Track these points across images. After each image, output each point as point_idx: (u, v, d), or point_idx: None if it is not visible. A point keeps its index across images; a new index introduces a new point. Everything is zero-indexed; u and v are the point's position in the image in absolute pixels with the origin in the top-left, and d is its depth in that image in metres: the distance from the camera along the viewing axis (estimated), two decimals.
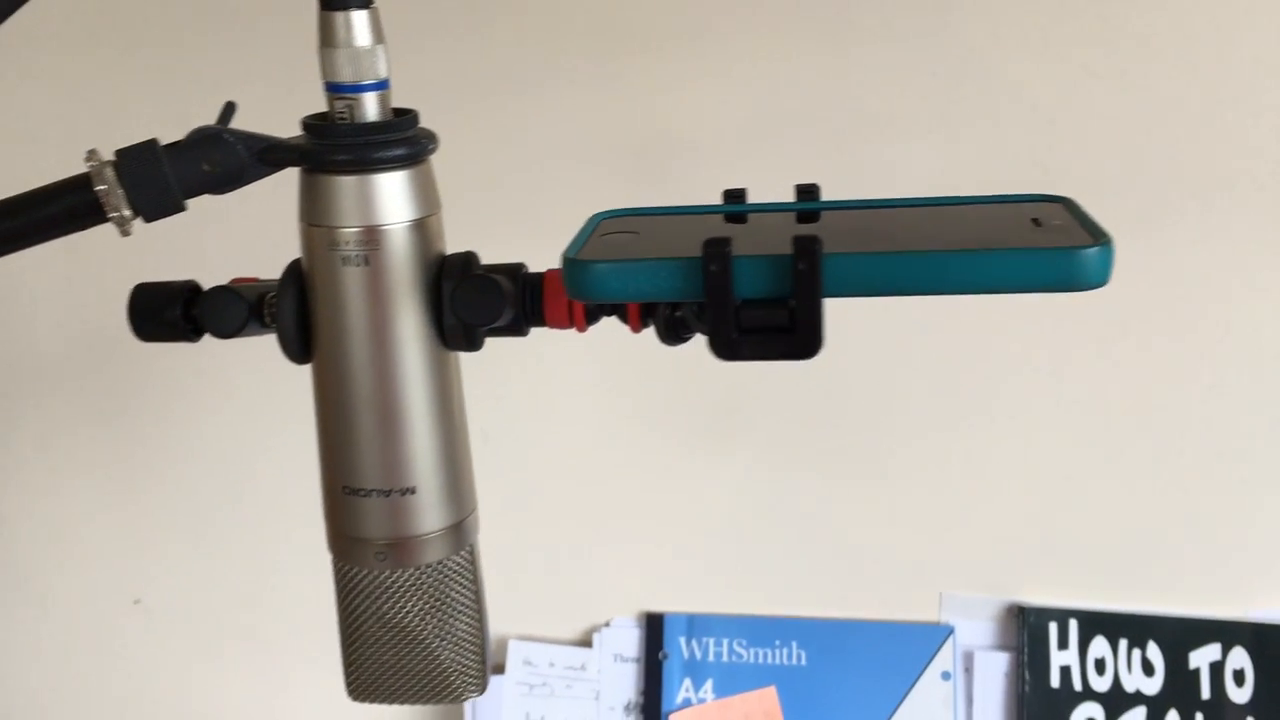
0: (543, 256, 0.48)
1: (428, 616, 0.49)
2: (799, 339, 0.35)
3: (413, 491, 0.47)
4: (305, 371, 0.99)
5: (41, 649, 1.09)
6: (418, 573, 0.48)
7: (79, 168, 0.43)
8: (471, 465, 0.50)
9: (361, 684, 0.51)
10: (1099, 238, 0.35)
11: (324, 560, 1.03)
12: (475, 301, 0.45)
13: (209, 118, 0.45)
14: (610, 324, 0.48)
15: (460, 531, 0.49)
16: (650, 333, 0.56)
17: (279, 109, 0.48)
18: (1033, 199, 0.40)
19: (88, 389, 1.01)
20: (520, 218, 0.88)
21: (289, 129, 0.46)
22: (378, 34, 0.44)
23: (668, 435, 0.98)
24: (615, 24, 0.88)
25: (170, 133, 0.44)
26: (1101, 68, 0.84)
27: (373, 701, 0.52)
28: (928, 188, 0.44)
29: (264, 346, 1.00)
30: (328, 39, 0.43)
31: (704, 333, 0.47)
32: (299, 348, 0.47)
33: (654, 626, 1.01)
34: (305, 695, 1.08)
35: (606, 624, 1.02)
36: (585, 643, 1.02)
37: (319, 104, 0.45)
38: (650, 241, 0.39)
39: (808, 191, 0.42)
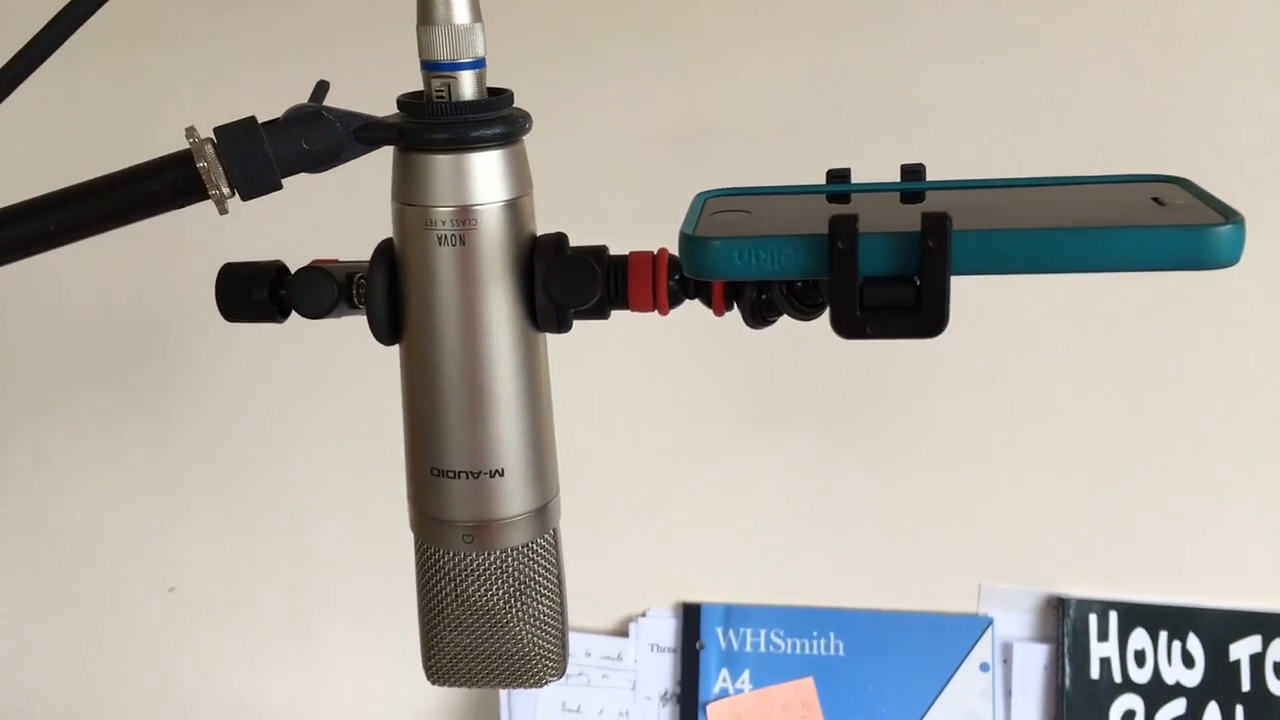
0: (588, 241, 0.48)
1: (512, 600, 0.49)
2: (924, 317, 0.35)
3: (501, 474, 0.47)
4: (345, 364, 0.98)
5: (76, 636, 1.09)
6: (504, 555, 0.48)
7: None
8: (555, 448, 0.50)
9: (440, 667, 0.51)
10: (1229, 215, 0.35)
11: (361, 548, 1.03)
12: (569, 282, 0.45)
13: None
14: (644, 314, 0.48)
15: (545, 514, 0.49)
16: (685, 321, 0.55)
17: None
18: (1147, 179, 0.40)
19: (126, 380, 1.01)
20: (566, 205, 0.87)
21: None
22: (476, 12, 0.43)
23: (706, 425, 0.98)
24: (661, 12, 0.87)
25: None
26: (1152, 57, 0.84)
27: (451, 685, 0.52)
28: (977, 176, 0.44)
29: (306, 337, 1.00)
30: (426, 16, 0.43)
31: (794, 315, 0.47)
32: (389, 328, 0.46)
33: (691, 616, 1.01)
34: (340, 683, 1.08)
35: (643, 614, 1.02)
36: (622, 632, 1.02)
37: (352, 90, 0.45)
38: (767, 219, 0.39)
39: (913, 171, 0.41)
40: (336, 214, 0.83)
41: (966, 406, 0.95)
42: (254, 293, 0.47)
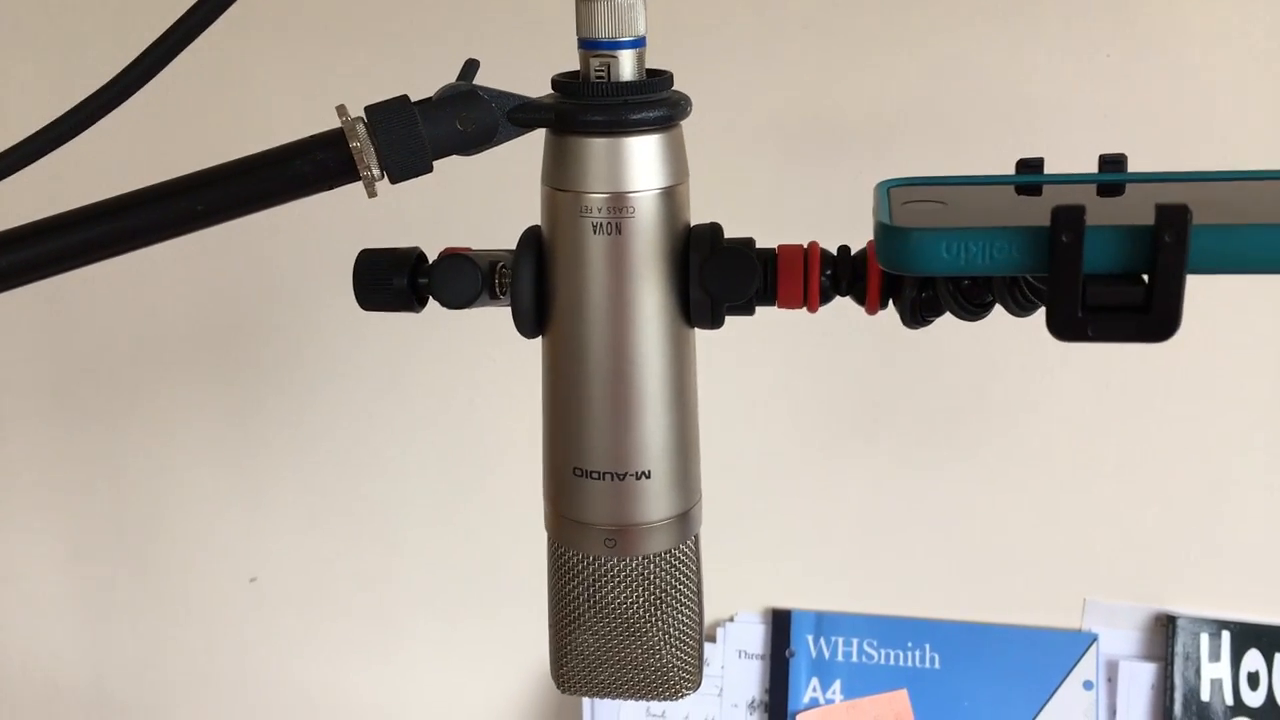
0: None
1: (651, 608, 0.46)
2: (1154, 319, 0.32)
3: (647, 476, 0.45)
4: (434, 356, 0.96)
5: (157, 624, 1.08)
6: (645, 561, 0.46)
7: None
8: (700, 450, 0.47)
9: (571, 676, 0.49)
10: None
11: (445, 543, 1.01)
12: (728, 275, 0.43)
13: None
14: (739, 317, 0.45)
15: (689, 520, 0.47)
16: (783, 322, 0.51)
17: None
18: None
19: (213, 370, 1.00)
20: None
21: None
22: None
23: (802, 428, 0.95)
24: (776, 4, 0.85)
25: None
26: None
27: (581, 694, 0.50)
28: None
29: (395, 328, 0.97)
30: None
31: (959, 314, 0.44)
32: (534, 320, 0.44)
33: (780, 623, 0.99)
34: (421, 677, 1.07)
35: (731, 619, 1.00)
36: (709, 637, 1.00)
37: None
38: (967, 211, 0.36)
39: (1113, 162, 0.38)
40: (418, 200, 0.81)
41: (1077, 415, 0.91)
42: (394, 280, 0.45)
